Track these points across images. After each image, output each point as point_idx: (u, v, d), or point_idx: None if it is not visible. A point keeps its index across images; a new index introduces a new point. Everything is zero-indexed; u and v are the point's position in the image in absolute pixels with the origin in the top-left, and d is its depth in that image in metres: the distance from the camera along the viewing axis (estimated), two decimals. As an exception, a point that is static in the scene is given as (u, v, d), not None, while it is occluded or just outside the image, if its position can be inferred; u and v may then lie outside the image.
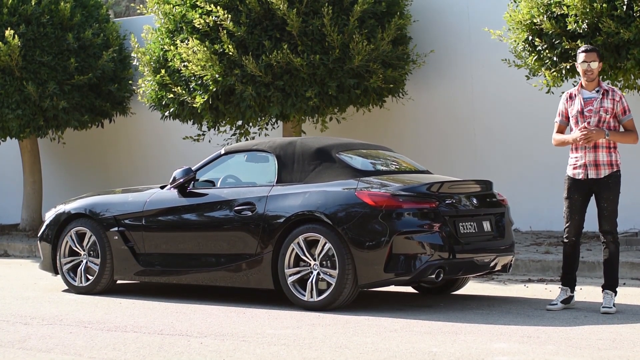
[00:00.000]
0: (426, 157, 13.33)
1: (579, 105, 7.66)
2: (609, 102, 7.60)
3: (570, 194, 7.70)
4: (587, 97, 7.67)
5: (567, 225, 7.74)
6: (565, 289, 7.80)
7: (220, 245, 8.36)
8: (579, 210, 7.70)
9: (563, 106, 7.81)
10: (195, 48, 11.94)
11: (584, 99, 7.67)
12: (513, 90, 13.06)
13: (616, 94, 7.63)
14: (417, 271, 7.57)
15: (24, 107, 14.15)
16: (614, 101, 7.61)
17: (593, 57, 7.62)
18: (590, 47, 7.69)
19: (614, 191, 7.62)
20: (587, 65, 7.60)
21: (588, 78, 7.64)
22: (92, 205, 9.16)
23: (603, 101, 7.60)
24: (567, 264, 7.82)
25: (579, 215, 7.70)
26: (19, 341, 6.61)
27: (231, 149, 8.87)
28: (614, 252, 7.65)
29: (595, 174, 7.61)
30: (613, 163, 7.63)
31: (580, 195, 7.68)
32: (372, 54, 12.06)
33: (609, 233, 7.63)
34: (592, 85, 7.67)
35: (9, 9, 14.17)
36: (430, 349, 6.11)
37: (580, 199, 7.68)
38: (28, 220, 15.64)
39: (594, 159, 7.60)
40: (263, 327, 7.02)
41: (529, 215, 12.90)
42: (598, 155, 7.60)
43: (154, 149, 16.22)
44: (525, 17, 10.66)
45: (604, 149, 7.61)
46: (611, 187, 7.61)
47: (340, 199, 7.81)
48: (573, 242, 7.75)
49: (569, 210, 7.71)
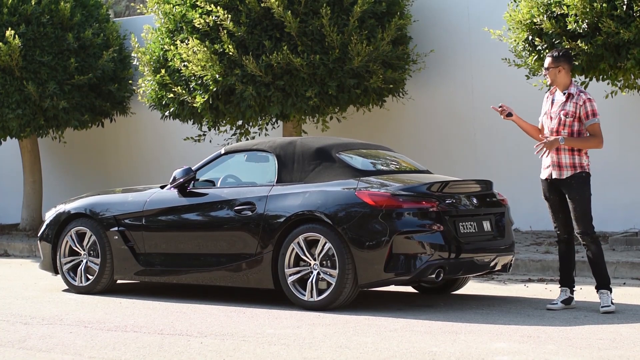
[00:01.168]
0: (426, 157, 13.32)
1: (548, 106, 7.86)
2: (571, 106, 7.69)
3: (546, 194, 7.86)
4: (556, 99, 7.82)
5: (555, 224, 7.87)
6: (564, 289, 7.81)
7: (221, 245, 8.36)
8: (561, 209, 7.79)
9: (543, 104, 7.98)
10: (195, 48, 11.94)
11: (554, 100, 7.84)
12: (513, 90, 13.05)
13: (580, 98, 7.68)
14: (417, 271, 7.57)
15: (24, 107, 14.14)
16: (577, 105, 7.69)
17: (549, 63, 7.75)
18: (557, 52, 7.79)
19: (579, 191, 7.65)
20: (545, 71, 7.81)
21: (549, 81, 7.82)
22: (92, 205, 9.17)
23: (565, 104, 7.71)
24: (562, 263, 7.88)
25: (562, 213, 7.79)
26: (19, 341, 6.61)
27: (231, 149, 8.87)
28: (595, 251, 7.68)
29: (558, 174, 7.71)
30: (576, 165, 7.68)
31: (554, 195, 7.80)
32: (372, 54, 12.06)
33: (585, 234, 7.67)
34: (561, 87, 7.80)
35: (9, 8, 14.16)
36: (430, 349, 6.11)
37: (557, 199, 7.79)
38: (28, 220, 15.64)
39: (557, 161, 7.71)
40: (263, 327, 7.03)
41: (529, 215, 12.89)
42: (560, 157, 7.70)
43: (154, 148, 16.22)
44: (525, 16, 10.66)
45: (566, 151, 7.68)
46: (574, 187, 7.66)
47: (341, 199, 7.81)
48: (565, 239, 7.83)
49: (552, 210, 7.85)
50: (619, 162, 12.48)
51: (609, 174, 12.39)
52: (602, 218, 11.91)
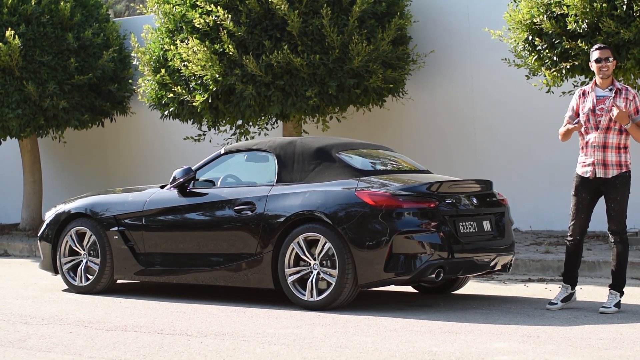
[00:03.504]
0: (426, 157, 13.33)
1: (591, 102, 7.62)
2: (622, 101, 7.56)
3: (578, 192, 7.66)
4: (600, 95, 7.63)
5: (572, 223, 7.70)
6: (567, 286, 7.78)
7: (221, 245, 8.36)
8: (586, 209, 7.67)
9: (575, 102, 7.76)
10: (195, 48, 11.94)
11: (597, 96, 7.63)
12: (513, 90, 13.06)
13: (630, 93, 7.59)
14: (417, 271, 7.57)
15: (24, 107, 14.15)
16: (627, 100, 7.56)
17: (607, 54, 7.61)
18: (603, 45, 7.69)
19: (622, 192, 7.56)
20: (602, 63, 7.59)
21: (603, 75, 7.60)
22: (92, 205, 9.17)
23: (616, 99, 7.56)
24: (569, 262, 7.77)
25: (585, 214, 7.67)
26: (19, 340, 6.61)
27: (231, 149, 8.87)
28: (621, 252, 7.61)
29: (604, 173, 7.55)
30: (622, 163, 7.57)
31: (588, 194, 7.64)
32: (372, 54, 12.06)
33: (616, 233, 7.60)
34: (606, 83, 7.64)
35: (9, 8, 14.17)
36: (430, 349, 6.11)
37: (588, 198, 7.64)
38: (28, 220, 15.64)
39: (602, 159, 7.55)
40: (263, 327, 7.03)
41: (529, 215, 12.90)
42: (607, 155, 7.55)
43: (154, 148, 16.22)
44: (525, 17, 10.66)
45: (613, 149, 7.55)
46: (619, 187, 7.55)
47: (340, 199, 7.80)
48: (577, 240, 7.72)
49: (576, 208, 7.68)
50: (619, 162, 12.48)
51: (609, 174, 12.39)
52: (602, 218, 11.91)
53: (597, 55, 7.62)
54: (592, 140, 7.57)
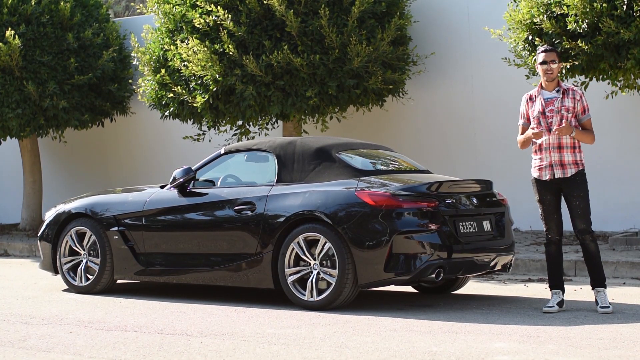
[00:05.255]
0: (426, 157, 13.33)
1: (540, 105, 7.67)
2: (570, 101, 7.62)
3: (542, 195, 7.72)
4: (548, 97, 7.68)
5: (548, 225, 7.74)
6: (557, 291, 7.73)
7: (221, 245, 8.36)
8: (555, 209, 7.72)
9: (524, 108, 7.79)
10: (195, 48, 11.94)
11: (545, 99, 7.68)
12: (513, 90, 13.04)
13: (576, 93, 7.65)
14: (417, 271, 7.57)
15: (24, 107, 14.15)
16: (575, 100, 7.63)
17: (552, 56, 7.65)
18: (549, 47, 7.72)
19: (583, 189, 7.62)
20: (547, 65, 7.63)
21: (548, 78, 7.66)
22: (92, 205, 9.17)
23: (564, 100, 7.62)
24: (554, 266, 7.75)
25: (556, 214, 7.72)
26: (19, 340, 6.61)
27: (231, 149, 8.87)
28: (595, 249, 7.65)
29: (562, 173, 7.61)
30: (578, 162, 7.63)
31: (551, 195, 7.70)
32: (372, 54, 12.05)
33: (586, 232, 7.62)
34: (552, 85, 7.69)
35: (9, 8, 14.17)
36: (430, 349, 6.11)
37: (553, 199, 7.70)
38: (28, 220, 15.64)
39: (559, 159, 7.61)
40: (263, 327, 7.02)
41: (529, 214, 12.88)
42: (563, 155, 7.60)
43: (154, 148, 16.22)
44: (525, 16, 10.66)
45: (568, 149, 7.61)
46: (579, 184, 7.61)
47: (340, 199, 7.80)
48: (557, 240, 7.75)
49: (545, 212, 7.72)
50: (619, 162, 12.49)
51: (609, 173, 12.40)
52: (602, 218, 11.93)
53: (542, 57, 7.67)
54: (547, 142, 7.62)
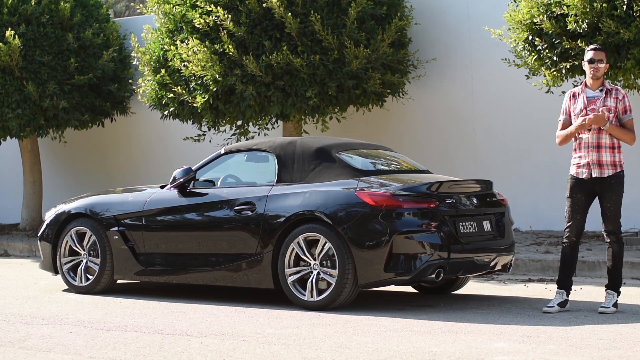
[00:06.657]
0: (426, 157, 13.33)
1: (582, 103, 7.64)
2: (612, 101, 7.58)
3: (573, 193, 7.65)
4: (591, 96, 7.65)
5: (569, 225, 7.68)
6: (561, 291, 7.73)
7: (221, 245, 8.36)
8: (582, 210, 7.66)
9: (566, 104, 7.79)
10: (195, 48, 11.94)
11: (588, 97, 7.65)
12: (513, 90, 13.06)
13: (619, 93, 7.62)
14: (417, 271, 7.57)
15: (24, 107, 14.15)
16: (617, 100, 7.59)
17: (601, 56, 7.61)
18: (599, 46, 7.69)
19: (617, 192, 7.58)
20: (594, 64, 7.59)
21: (594, 76, 7.61)
22: (93, 205, 9.17)
23: (606, 100, 7.58)
24: (565, 266, 7.73)
25: (581, 215, 7.66)
26: (19, 340, 6.61)
27: (231, 149, 8.87)
28: (617, 252, 7.62)
29: (599, 173, 7.56)
30: (616, 163, 7.59)
31: (583, 195, 7.63)
32: (371, 57, 12.04)
33: (612, 233, 7.60)
34: (597, 84, 7.65)
35: (9, 9, 14.17)
36: (430, 349, 6.11)
37: (583, 199, 7.64)
38: (28, 220, 15.64)
39: (597, 159, 7.56)
40: (263, 327, 7.03)
41: (529, 215, 12.90)
42: (601, 155, 7.56)
43: (154, 148, 16.22)
44: (525, 16, 10.66)
45: (607, 149, 7.57)
46: (614, 187, 7.57)
47: (341, 199, 7.80)
48: (574, 242, 7.69)
49: (572, 210, 7.66)
50: (619, 162, 12.48)
51: (609, 174, 12.38)
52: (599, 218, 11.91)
53: (590, 55, 7.64)
54: (586, 141, 7.60)
